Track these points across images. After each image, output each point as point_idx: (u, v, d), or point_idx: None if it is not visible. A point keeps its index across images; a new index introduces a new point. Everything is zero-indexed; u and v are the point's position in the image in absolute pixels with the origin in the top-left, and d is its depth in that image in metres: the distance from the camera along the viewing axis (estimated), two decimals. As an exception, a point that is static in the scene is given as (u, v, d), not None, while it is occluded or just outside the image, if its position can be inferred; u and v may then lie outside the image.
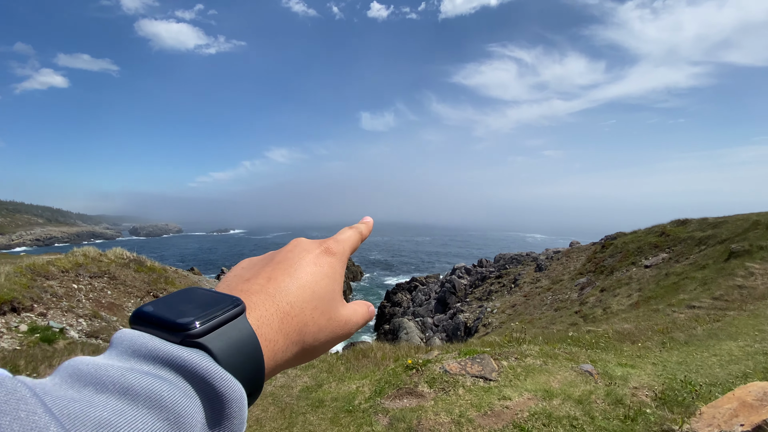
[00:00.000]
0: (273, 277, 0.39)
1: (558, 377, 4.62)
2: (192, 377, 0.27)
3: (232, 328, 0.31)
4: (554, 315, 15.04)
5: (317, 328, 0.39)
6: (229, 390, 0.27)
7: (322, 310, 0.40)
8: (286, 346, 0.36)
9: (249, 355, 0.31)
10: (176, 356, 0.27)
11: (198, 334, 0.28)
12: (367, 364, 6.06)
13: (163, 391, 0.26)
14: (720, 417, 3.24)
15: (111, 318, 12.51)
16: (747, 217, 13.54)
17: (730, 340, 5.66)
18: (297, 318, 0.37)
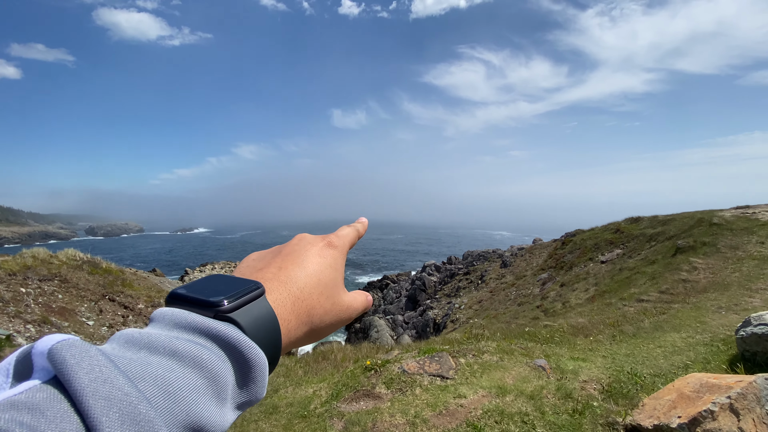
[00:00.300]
0: (283, 266, 0.45)
1: (513, 373, 4.67)
2: (225, 345, 0.33)
3: (256, 306, 0.37)
4: (517, 310, 15.45)
5: (323, 311, 0.45)
6: (255, 356, 0.34)
7: (327, 296, 0.46)
8: (297, 326, 0.42)
9: (269, 330, 0.37)
10: (212, 327, 0.33)
11: (227, 310, 0.35)
12: (327, 366, 5.91)
13: (203, 354, 0.32)
14: (660, 408, 3.35)
15: (62, 323, 11.65)
16: (692, 215, 14.45)
17: (674, 331, 5.96)
18: (306, 302, 0.43)
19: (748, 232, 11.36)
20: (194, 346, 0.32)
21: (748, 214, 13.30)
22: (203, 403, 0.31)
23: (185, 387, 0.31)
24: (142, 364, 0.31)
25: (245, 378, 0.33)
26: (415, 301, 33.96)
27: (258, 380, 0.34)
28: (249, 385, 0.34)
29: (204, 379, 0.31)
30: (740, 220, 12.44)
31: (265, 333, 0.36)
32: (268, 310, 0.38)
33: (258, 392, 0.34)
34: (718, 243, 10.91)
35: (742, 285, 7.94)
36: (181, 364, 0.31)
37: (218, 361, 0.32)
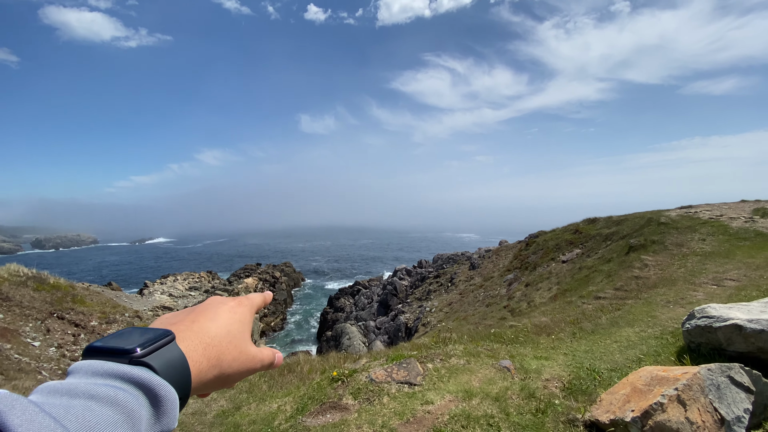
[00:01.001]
0: (196, 320, 0.50)
1: (479, 375, 4.72)
2: (139, 385, 0.41)
3: (167, 351, 0.44)
4: (486, 311, 15.78)
5: (232, 357, 0.50)
6: (166, 393, 0.41)
7: (235, 345, 0.52)
8: (208, 368, 0.46)
9: (179, 370, 0.43)
10: (126, 372, 0.41)
11: (141, 355, 0.42)
12: (293, 379, 5.73)
13: (119, 395, 0.40)
14: (615, 403, 3.49)
15: (4, 345, 10.63)
16: (643, 215, 15.40)
17: (628, 326, 6.27)
18: (216, 348, 0.48)
19: (691, 230, 12.24)
20: (110, 389, 0.41)
21: (691, 213, 14.35)
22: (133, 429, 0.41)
23: (104, 422, 0.41)
24: (64, 407, 0.40)
25: (158, 411, 0.42)
26: (387, 306, 33.93)
27: (169, 413, 0.43)
28: (161, 417, 0.42)
29: (121, 414, 0.41)
30: (684, 219, 13.40)
31: (175, 372, 0.43)
32: (178, 353, 0.45)
33: (170, 423, 0.43)
34: (666, 241, 11.68)
35: (687, 280, 8.51)
36: (99, 404, 0.41)
37: (132, 399, 0.41)
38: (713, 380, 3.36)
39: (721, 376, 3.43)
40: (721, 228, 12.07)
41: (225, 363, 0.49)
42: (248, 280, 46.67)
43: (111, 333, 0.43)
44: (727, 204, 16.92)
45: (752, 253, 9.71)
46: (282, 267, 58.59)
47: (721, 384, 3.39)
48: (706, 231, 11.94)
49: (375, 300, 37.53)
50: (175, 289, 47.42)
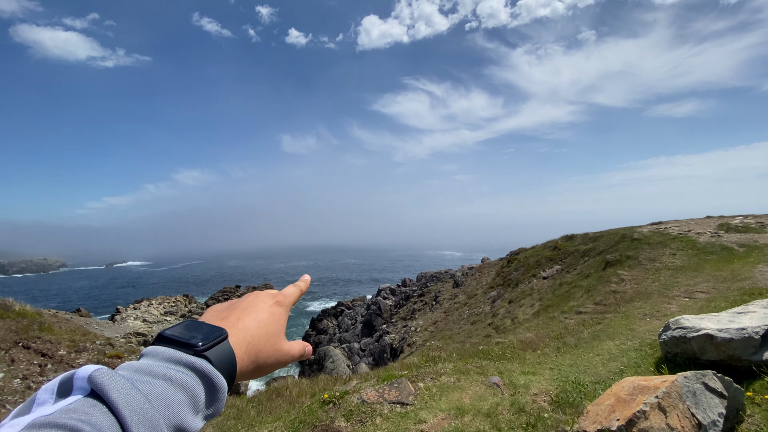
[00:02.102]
0: (241, 317, 0.57)
1: (470, 392, 4.79)
2: (201, 374, 0.52)
3: (221, 347, 0.53)
4: (471, 328, 15.87)
5: (267, 354, 0.57)
6: (220, 383, 0.52)
7: (271, 343, 0.59)
8: (248, 363, 0.55)
9: (229, 364, 0.53)
10: (192, 361, 0.52)
11: (202, 349, 0.52)
12: (282, 403, 5.64)
13: (186, 380, 0.51)
14: (601, 413, 3.63)
15: None
16: (617, 232, 16.06)
17: (609, 339, 6.50)
18: (256, 346, 0.56)
19: (662, 245, 12.85)
20: (180, 374, 0.51)
21: (662, 229, 15.07)
22: (186, 412, 0.51)
23: (176, 401, 0.51)
24: (148, 383, 0.51)
25: (212, 397, 0.52)
26: (372, 326, 33.51)
27: (220, 399, 0.52)
28: (214, 402, 0.52)
29: (187, 396, 0.51)
30: (656, 235, 14.05)
31: (225, 366, 0.53)
32: (229, 350, 0.54)
33: (219, 407, 0.52)
34: (640, 256, 12.21)
35: (661, 293, 8.91)
36: (173, 385, 0.51)
37: (196, 385, 0.51)
38: (689, 387, 3.56)
39: (696, 383, 3.64)
40: (690, 243, 12.74)
41: (261, 359, 0.58)
42: (228, 303, 45.27)
43: (178, 323, 0.54)
44: (694, 220, 17.87)
45: (719, 267, 10.27)
46: (262, 288, 57.26)
47: (697, 390, 3.59)
48: (676, 246, 12.57)
49: (359, 321, 37.02)
50: (149, 314, 45.49)
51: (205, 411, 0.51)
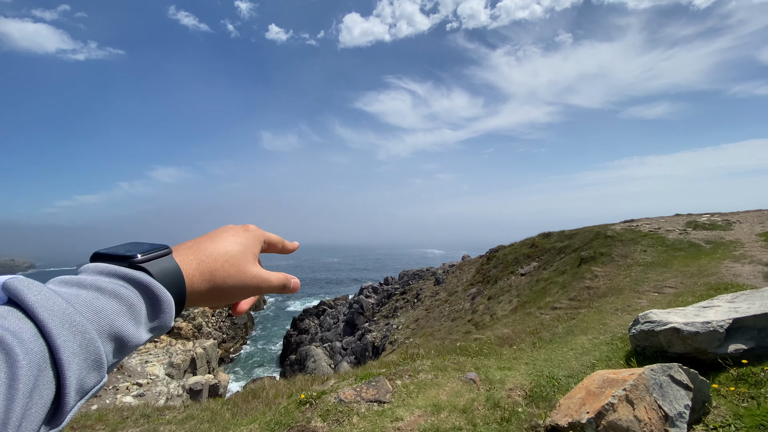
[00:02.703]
0: (198, 242, 0.55)
1: (447, 389, 4.82)
2: (137, 285, 0.45)
3: (163, 261, 0.48)
4: (451, 325, 16.02)
5: (226, 274, 0.54)
6: (162, 294, 0.45)
7: (232, 264, 0.55)
8: (200, 281, 0.51)
9: (174, 277, 0.48)
10: (127, 272, 0.45)
11: (139, 261, 0.46)
12: (258, 405, 5.53)
13: (121, 290, 0.45)
14: (573, 407, 3.70)
15: None
16: (591, 229, 16.53)
17: (582, 334, 6.66)
18: (210, 265, 0.53)
19: (634, 242, 13.29)
20: (114, 285, 0.45)
21: (633, 226, 15.58)
22: (122, 321, 0.45)
23: (108, 309, 0.45)
24: (74, 294, 0.45)
25: (155, 310, 0.46)
26: (354, 325, 33.43)
27: (165, 312, 0.46)
28: (158, 315, 0.46)
29: (123, 306, 0.45)
30: (628, 232, 14.52)
31: (170, 279, 0.47)
32: (173, 265, 0.49)
33: (166, 321, 0.46)
34: (613, 253, 12.59)
35: (632, 288, 9.21)
36: (104, 295, 0.45)
37: (132, 295, 0.45)
38: (656, 379, 3.67)
39: (662, 375, 3.75)
40: (660, 240, 13.22)
41: (218, 279, 0.53)
42: (206, 303, 44.22)
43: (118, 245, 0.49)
44: (664, 218, 18.57)
45: (687, 263, 10.69)
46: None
47: (663, 383, 3.70)
48: (647, 243, 13.02)
49: (341, 320, 36.88)
50: (123, 317, 44.04)
51: (149, 323, 0.46)
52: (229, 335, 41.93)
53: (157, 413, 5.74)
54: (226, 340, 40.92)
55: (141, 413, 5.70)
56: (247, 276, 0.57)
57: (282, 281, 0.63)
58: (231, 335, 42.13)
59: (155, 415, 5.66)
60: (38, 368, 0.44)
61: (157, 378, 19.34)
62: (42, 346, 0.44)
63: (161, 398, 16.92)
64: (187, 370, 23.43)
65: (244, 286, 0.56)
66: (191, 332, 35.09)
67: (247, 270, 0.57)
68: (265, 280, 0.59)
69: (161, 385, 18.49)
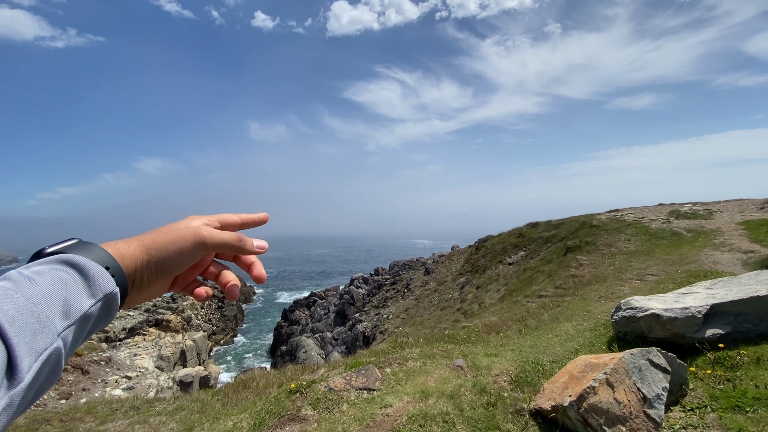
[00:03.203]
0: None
1: (435, 376, 4.91)
2: (54, 261, 0.46)
3: (78, 245, 0.51)
4: (441, 314, 16.24)
5: (154, 236, 0.55)
6: (82, 261, 0.47)
7: (159, 229, 0.57)
8: (127, 248, 0.53)
9: (95, 251, 0.50)
10: (42, 260, 0.47)
11: (50, 252, 0.48)
12: (248, 395, 5.56)
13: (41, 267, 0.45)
14: (556, 391, 3.82)
15: None
16: (577, 219, 16.81)
17: (567, 321, 6.83)
18: (136, 237, 0.55)
19: (618, 231, 13.58)
20: (33, 268, 0.45)
21: (618, 216, 15.89)
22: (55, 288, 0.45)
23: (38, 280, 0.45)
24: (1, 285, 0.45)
25: (86, 277, 0.46)
26: (344, 315, 33.61)
27: (98, 276, 0.47)
28: (93, 281, 0.47)
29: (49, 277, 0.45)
30: (612, 222, 14.81)
31: (89, 254, 0.49)
32: (88, 244, 0.51)
33: (104, 285, 0.47)
34: (597, 242, 12.85)
35: (616, 276, 9.44)
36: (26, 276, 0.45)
37: (54, 268, 0.45)
38: (635, 363, 3.80)
39: (642, 359, 3.89)
40: (643, 229, 13.53)
41: (147, 240, 0.55)
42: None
43: None
44: (648, 207, 18.98)
45: (669, 251, 10.99)
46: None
47: (642, 366, 3.84)
48: (631, 232, 13.31)
49: (332, 310, 37.03)
50: (110, 310, 43.44)
51: (88, 290, 0.46)
52: (219, 327, 41.78)
53: (147, 405, 5.74)
54: (216, 332, 40.78)
55: (131, 405, 5.69)
56: (179, 230, 0.57)
57: (234, 235, 0.62)
58: (221, 327, 41.98)
59: (145, 406, 5.66)
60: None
61: (147, 371, 19.23)
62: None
63: (151, 391, 16.86)
64: (176, 363, 23.34)
65: (180, 239, 0.56)
66: (180, 325, 34.85)
67: (178, 227, 0.58)
68: (206, 229, 0.59)
69: (151, 378, 18.41)
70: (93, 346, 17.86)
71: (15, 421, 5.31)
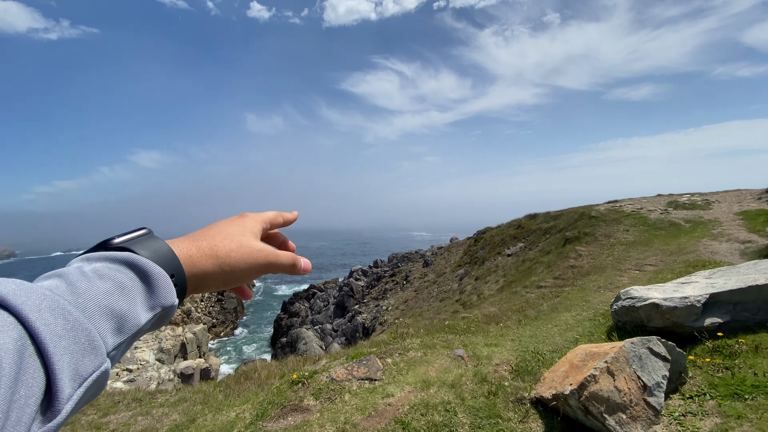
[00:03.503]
0: (193, 233, 0.55)
1: (435, 366, 4.94)
2: (122, 262, 0.42)
3: (147, 239, 0.47)
4: (440, 305, 16.32)
5: (228, 249, 0.53)
6: (150, 267, 0.43)
7: (231, 239, 0.54)
8: (199, 255, 0.50)
9: (164, 254, 0.46)
10: (106, 255, 0.43)
11: (118, 243, 0.45)
12: (250, 386, 5.59)
13: (105, 269, 0.41)
14: (556, 380, 3.85)
15: None
16: (576, 210, 16.83)
17: (566, 311, 6.87)
18: (207, 242, 0.52)
19: (617, 222, 13.61)
20: (95, 266, 0.41)
21: (617, 207, 15.91)
22: (113, 299, 0.40)
23: (94, 289, 0.39)
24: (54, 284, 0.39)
25: (149, 285, 0.43)
26: (344, 307, 33.78)
27: (161, 287, 0.43)
28: (154, 290, 0.43)
29: (108, 283, 0.40)
30: (611, 213, 14.84)
31: (158, 255, 0.45)
32: (160, 242, 0.47)
33: (165, 297, 0.43)
34: (596, 233, 12.88)
35: (615, 267, 9.48)
36: (86, 278, 0.40)
37: (118, 273, 0.41)
38: (636, 352, 3.83)
39: (642, 348, 3.91)
40: (642, 219, 13.56)
41: (222, 253, 0.52)
42: (195, 289, 43.90)
43: None
44: (646, 198, 19.01)
45: (667, 241, 11.03)
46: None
47: (643, 355, 3.87)
48: (629, 222, 13.34)
49: (331, 303, 37.20)
50: (110, 303, 43.56)
51: (147, 301, 0.42)
52: (219, 320, 41.97)
53: (149, 397, 5.77)
54: (216, 325, 40.97)
55: (133, 397, 5.72)
56: (252, 249, 0.56)
57: (291, 258, 0.62)
58: (221, 320, 42.17)
59: (147, 398, 5.69)
60: (18, 354, 0.36)
61: (148, 363, 19.34)
62: (20, 332, 0.36)
63: (152, 383, 16.96)
64: (177, 355, 23.46)
65: (252, 260, 0.55)
66: (180, 318, 34.97)
67: (249, 244, 0.56)
68: (273, 253, 0.58)
69: (152, 371, 18.52)
70: (93, 340, 17.90)
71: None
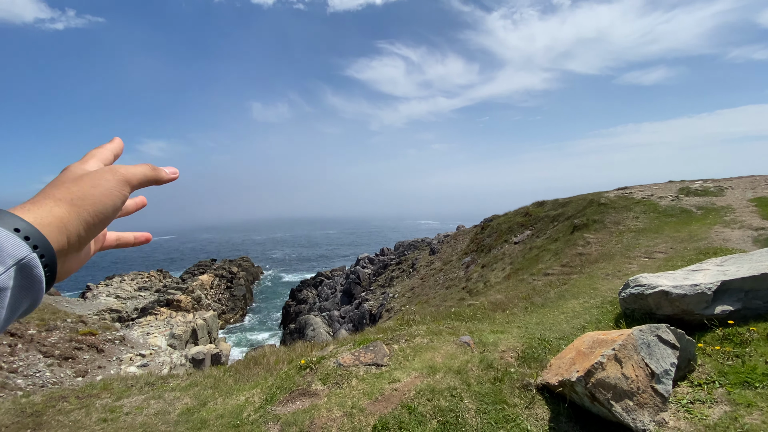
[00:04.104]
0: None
1: (442, 352, 4.97)
2: None
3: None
4: (446, 293, 16.38)
5: (68, 187, 0.50)
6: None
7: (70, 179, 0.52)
8: (39, 206, 0.48)
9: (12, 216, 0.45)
10: None
11: None
12: (259, 371, 5.69)
13: None
14: (563, 366, 3.85)
15: None
16: (585, 197, 16.62)
17: (573, 299, 6.84)
18: (46, 195, 0.50)
19: (626, 209, 13.42)
20: None
21: (626, 194, 15.67)
22: None
23: None
24: None
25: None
26: (351, 294, 34.09)
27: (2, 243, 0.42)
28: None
29: None
30: (621, 200, 14.63)
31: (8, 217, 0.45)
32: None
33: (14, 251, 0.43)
34: (605, 220, 12.74)
35: (624, 254, 9.38)
36: None
37: None
38: (644, 339, 3.80)
39: (650, 335, 3.88)
40: (652, 206, 13.36)
41: (64, 192, 0.50)
42: (203, 276, 44.75)
43: None
44: (657, 185, 18.68)
45: (678, 228, 10.86)
46: (239, 262, 56.70)
47: (651, 342, 3.84)
48: (639, 210, 13.15)
49: (338, 290, 37.56)
50: (122, 291, 44.47)
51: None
52: (229, 306, 42.68)
53: (161, 381, 5.91)
54: (226, 312, 41.69)
55: (145, 381, 5.86)
56: (97, 171, 0.53)
57: (147, 167, 0.58)
58: (230, 306, 42.88)
59: (159, 382, 5.82)
60: None
61: (160, 349, 19.80)
62: None
63: (165, 368, 17.39)
64: (188, 341, 23.97)
65: (104, 180, 0.52)
66: (191, 305, 35.62)
67: (87, 166, 0.55)
68: (124, 168, 0.55)
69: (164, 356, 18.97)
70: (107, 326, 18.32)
71: (32, 398, 5.46)
